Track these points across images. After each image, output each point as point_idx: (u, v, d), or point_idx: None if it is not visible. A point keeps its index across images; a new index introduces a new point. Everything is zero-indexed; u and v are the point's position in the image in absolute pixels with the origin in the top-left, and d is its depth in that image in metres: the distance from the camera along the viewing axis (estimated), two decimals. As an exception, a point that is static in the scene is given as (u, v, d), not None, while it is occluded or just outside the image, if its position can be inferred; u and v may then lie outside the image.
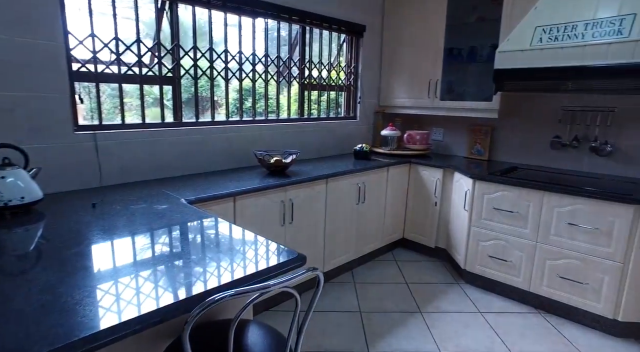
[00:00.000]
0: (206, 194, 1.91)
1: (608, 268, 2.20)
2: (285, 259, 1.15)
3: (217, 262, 1.12)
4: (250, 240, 1.31)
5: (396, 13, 3.44)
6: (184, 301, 0.91)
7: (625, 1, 2.14)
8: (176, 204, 1.73)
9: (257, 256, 1.18)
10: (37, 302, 0.87)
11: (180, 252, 1.18)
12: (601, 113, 2.73)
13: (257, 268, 1.09)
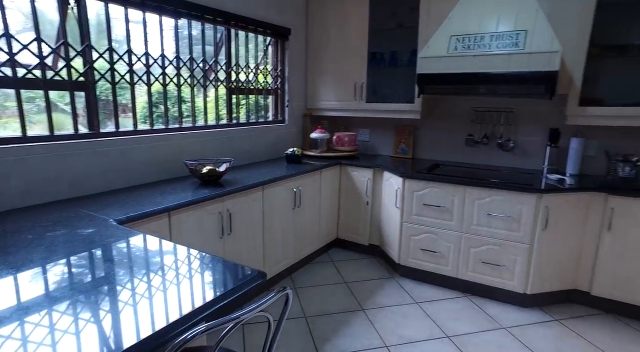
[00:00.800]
0: (138, 211, 1.73)
1: (519, 250, 2.50)
2: (247, 280, 1.09)
3: (176, 292, 1.02)
4: (204, 261, 1.22)
5: (319, 17, 3.49)
6: (145, 340, 0.81)
7: (519, 18, 2.45)
8: (104, 226, 1.55)
9: (216, 279, 1.11)
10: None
11: (129, 283, 1.05)
12: (504, 113, 3.09)
13: (216, 293, 1.02)
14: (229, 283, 1.07)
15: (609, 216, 2.39)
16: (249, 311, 0.84)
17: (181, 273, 1.13)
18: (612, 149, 2.76)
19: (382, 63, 3.44)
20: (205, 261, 1.22)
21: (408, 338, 2.24)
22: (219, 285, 1.06)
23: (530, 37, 2.37)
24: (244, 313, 0.83)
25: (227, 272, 1.15)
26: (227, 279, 1.10)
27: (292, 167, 2.93)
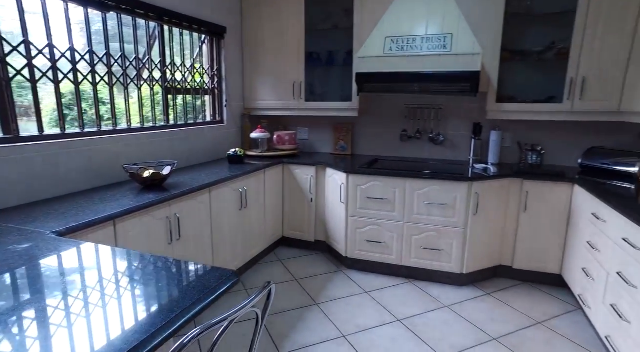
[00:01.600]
0: (79, 221, 1.58)
1: (455, 234, 2.74)
2: (225, 281, 1.07)
3: (156, 300, 0.96)
4: (175, 265, 1.17)
5: (254, 16, 3.46)
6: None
7: (445, 23, 2.69)
8: (42, 239, 1.39)
9: (190, 282, 1.06)
10: None
11: (101, 292, 0.97)
12: (433, 110, 3.35)
13: (200, 295, 0.98)
14: (209, 284, 1.04)
15: (525, 199, 2.73)
16: (241, 308, 0.83)
17: (152, 279, 1.07)
18: (523, 140, 3.15)
19: (319, 63, 3.51)
20: (176, 265, 1.16)
21: (363, 326, 2.34)
22: (198, 287, 1.03)
23: (455, 40, 2.61)
24: (237, 311, 0.82)
25: (200, 274, 1.11)
26: (205, 281, 1.06)
27: (236, 168, 2.87)
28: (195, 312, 0.92)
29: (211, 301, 0.99)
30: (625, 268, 1.81)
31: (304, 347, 2.14)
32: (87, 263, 1.19)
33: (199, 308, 0.93)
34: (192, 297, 0.96)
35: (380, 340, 2.21)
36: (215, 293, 1.00)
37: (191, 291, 1.00)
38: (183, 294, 0.99)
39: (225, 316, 0.81)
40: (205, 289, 1.02)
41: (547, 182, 2.66)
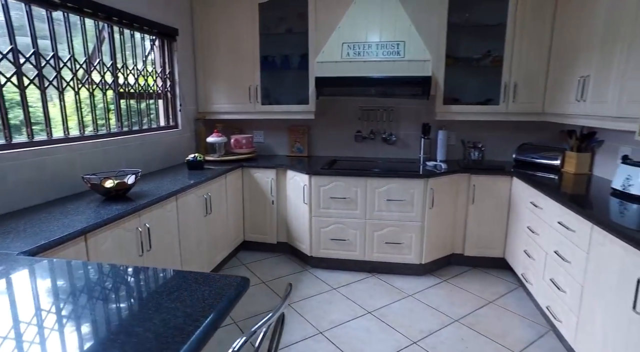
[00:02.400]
0: (50, 238, 1.47)
1: (413, 228, 2.95)
2: (240, 289, 1.09)
3: (182, 315, 0.96)
4: (184, 276, 1.16)
5: (206, 19, 3.39)
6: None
7: (397, 30, 2.88)
8: (12, 260, 1.29)
9: (206, 294, 1.07)
10: None
11: (124, 312, 0.94)
12: (385, 112, 3.55)
13: (216, 305, 1.00)
14: (223, 291, 1.06)
15: (472, 192, 3.02)
16: (276, 312, 0.88)
17: (171, 289, 1.06)
18: (466, 138, 3.46)
19: (274, 66, 3.54)
20: (191, 275, 1.16)
21: (337, 321, 2.44)
22: (216, 295, 1.04)
23: (407, 47, 2.81)
24: (272, 315, 0.87)
25: (212, 283, 1.12)
26: (220, 289, 1.08)
27: (197, 174, 2.81)
28: (216, 319, 0.94)
29: (229, 306, 1.01)
30: (561, 247, 2.10)
31: (285, 347, 2.18)
32: (97, 281, 1.13)
33: (219, 315, 0.95)
34: (213, 306, 0.98)
35: (355, 332, 2.32)
36: (235, 297, 1.03)
37: (211, 298, 1.02)
38: (204, 303, 1.00)
39: (264, 321, 0.85)
40: (221, 296, 1.04)
41: (490, 176, 2.98)
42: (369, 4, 2.97)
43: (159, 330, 0.87)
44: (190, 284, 1.10)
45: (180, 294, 1.04)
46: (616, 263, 1.61)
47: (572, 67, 2.60)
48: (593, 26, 2.36)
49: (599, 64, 2.29)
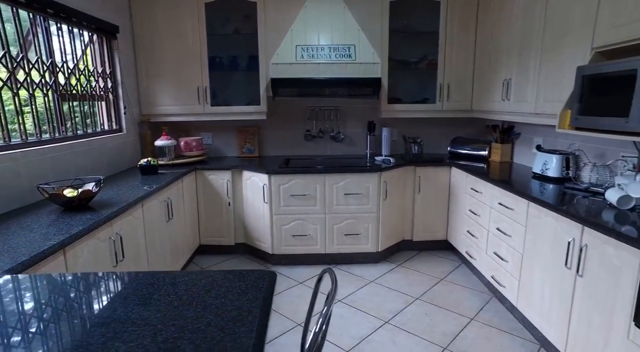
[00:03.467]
0: (31, 253, 1.36)
1: (370, 219, 3.17)
2: (271, 280, 1.16)
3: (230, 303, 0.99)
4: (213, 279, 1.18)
5: (147, 17, 3.24)
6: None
7: (347, 35, 3.07)
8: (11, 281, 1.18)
9: (243, 288, 1.12)
10: None
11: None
12: (332, 111, 3.73)
13: (260, 295, 1.06)
14: (261, 285, 1.12)
15: (418, 182, 3.34)
16: (331, 299, 0.97)
17: (208, 288, 1.08)
18: (407, 134, 3.79)
19: (223, 67, 3.51)
20: (218, 274, 1.18)
21: (311, 312, 2.54)
22: (253, 288, 1.10)
23: (358, 51, 3.01)
24: (330, 308, 0.97)
25: (244, 278, 1.17)
26: (254, 282, 1.13)
27: (152, 179, 2.70)
28: (266, 309, 1.01)
29: (270, 296, 1.08)
30: (501, 224, 2.47)
31: (267, 342, 2.23)
32: (135, 288, 1.10)
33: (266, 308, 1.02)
34: (257, 297, 1.04)
35: (331, 319, 2.45)
36: (270, 288, 1.10)
37: (251, 291, 1.07)
38: (247, 296, 1.05)
39: (327, 311, 0.94)
40: (258, 288, 1.10)
41: (433, 167, 3.32)
42: (319, 9, 3.12)
43: (219, 324, 0.91)
44: (223, 281, 1.14)
45: (219, 290, 1.08)
46: (550, 231, 1.97)
47: (497, 71, 3.02)
48: (511, 36, 2.79)
49: (518, 69, 2.72)
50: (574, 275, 1.80)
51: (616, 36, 1.85)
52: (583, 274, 1.74)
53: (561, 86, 2.24)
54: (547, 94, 2.39)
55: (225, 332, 0.88)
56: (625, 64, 1.72)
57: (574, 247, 1.79)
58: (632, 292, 1.47)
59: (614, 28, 1.86)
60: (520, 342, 2.21)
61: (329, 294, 1.05)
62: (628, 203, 1.83)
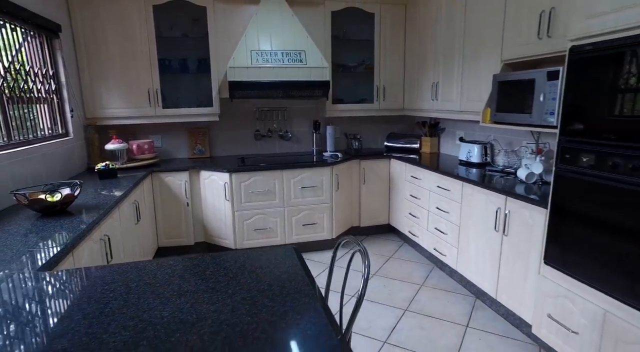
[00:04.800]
0: (48, 256, 1.41)
1: (324, 209, 3.49)
2: (298, 252, 1.40)
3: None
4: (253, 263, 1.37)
5: (90, 16, 3.13)
6: (315, 294, 1.08)
7: (297, 41, 3.34)
8: (36, 279, 1.25)
9: (280, 260, 1.34)
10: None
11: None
12: (280, 111, 3.97)
13: (298, 264, 1.30)
14: (290, 256, 1.35)
15: (363, 174, 3.75)
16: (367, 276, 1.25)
17: (252, 268, 1.28)
18: (348, 131, 4.19)
19: (174, 70, 3.53)
20: (249, 252, 1.38)
21: (285, 296, 2.78)
22: (288, 260, 1.33)
23: (308, 56, 3.30)
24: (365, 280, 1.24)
25: (272, 254, 1.39)
26: (285, 257, 1.37)
27: (113, 182, 2.68)
28: (310, 274, 1.26)
29: (305, 265, 1.32)
30: (440, 203, 2.97)
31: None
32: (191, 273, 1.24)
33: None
34: (298, 266, 1.28)
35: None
36: (302, 258, 1.34)
37: (288, 263, 1.31)
38: (288, 268, 1.28)
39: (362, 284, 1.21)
40: (291, 258, 1.34)
41: (374, 160, 3.75)
42: (269, 16, 3.34)
43: (278, 283, 1.14)
44: (257, 257, 1.35)
45: (259, 263, 1.29)
46: (481, 204, 2.48)
47: (426, 75, 3.55)
48: (436, 47, 3.33)
49: (444, 73, 3.26)
50: (501, 235, 2.32)
51: (517, 53, 2.41)
52: (508, 234, 2.26)
53: (481, 89, 2.79)
54: (470, 95, 2.93)
55: (287, 288, 1.12)
56: (527, 74, 2.27)
57: (500, 214, 2.30)
58: (541, 240, 2.00)
59: (516, 46, 2.42)
60: (462, 298, 2.72)
61: (350, 262, 1.31)
62: (533, 178, 2.41)
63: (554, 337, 1.97)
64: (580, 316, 1.80)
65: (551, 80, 2.08)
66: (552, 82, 2.08)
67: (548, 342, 2.02)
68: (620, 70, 1.55)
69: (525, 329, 2.27)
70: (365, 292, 1.18)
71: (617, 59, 1.56)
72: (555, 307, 1.94)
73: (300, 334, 0.90)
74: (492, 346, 2.21)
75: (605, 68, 1.61)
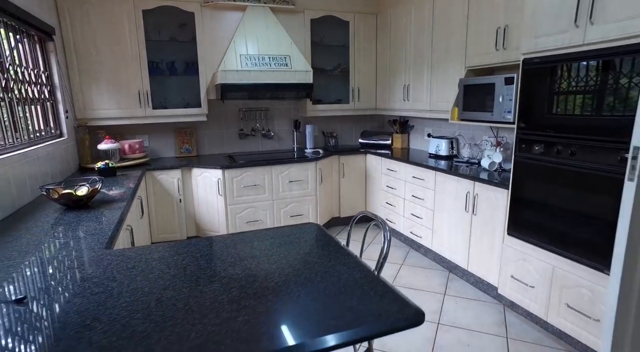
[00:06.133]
0: (107, 235, 1.61)
1: (310, 201, 3.79)
2: (320, 227, 1.70)
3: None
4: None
5: (80, 20, 3.21)
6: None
7: (283, 46, 3.61)
8: (113, 254, 1.46)
9: (306, 232, 1.63)
10: (322, 293, 1.09)
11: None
12: (262, 111, 4.22)
13: (327, 235, 1.60)
14: (313, 229, 1.65)
15: (342, 168, 4.10)
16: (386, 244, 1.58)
17: (293, 240, 1.56)
18: (325, 129, 4.52)
19: (164, 72, 3.67)
20: (276, 229, 1.65)
21: (282, 279, 3.06)
22: (313, 231, 1.63)
23: (293, 60, 3.58)
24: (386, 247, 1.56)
25: (299, 230, 1.68)
26: (309, 230, 1.66)
27: (113, 180, 2.82)
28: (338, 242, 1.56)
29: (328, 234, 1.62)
30: (416, 192, 3.38)
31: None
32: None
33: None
34: (329, 237, 1.58)
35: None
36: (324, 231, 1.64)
37: (318, 235, 1.60)
38: (324, 242, 1.58)
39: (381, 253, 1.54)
40: (320, 231, 1.63)
41: (352, 156, 4.11)
42: (256, 23, 3.58)
43: (314, 252, 1.44)
44: (287, 232, 1.64)
45: (292, 238, 1.58)
46: (452, 190, 2.91)
47: (398, 78, 3.95)
48: (407, 54, 3.74)
49: (414, 77, 3.68)
50: (470, 215, 2.75)
51: (479, 61, 2.86)
52: (476, 213, 2.69)
53: (448, 91, 3.23)
54: (439, 96, 3.37)
55: (323, 258, 1.42)
56: (488, 79, 2.72)
57: (470, 197, 2.73)
58: (504, 215, 2.44)
59: (477, 55, 2.87)
60: (438, 272, 3.14)
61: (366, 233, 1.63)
62: (494, 166, 2.86)
63: (515, 293, 2.42)
64: (535, 273, 2.25)
65: (508, 85, 2.53)
66: (508, 86, 2.53)
67: (511, 298, 2.47)
68: (556, 79, 2.00)
69: (492, 292, 2.72)
70: (388, 251, 1.50)
71: (554, 70, 2.01)
72: (516, 269, 2.39)
73: (348, 273, 1.22)
74: (466, 307, 2.63)
75: (547, 77, 2.06)
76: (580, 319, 2.03)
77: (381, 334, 0.97)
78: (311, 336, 0.91)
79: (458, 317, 2.52)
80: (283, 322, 0.97)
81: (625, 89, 1.73)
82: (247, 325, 0.95)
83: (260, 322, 0.96)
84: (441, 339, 2.31)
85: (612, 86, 1.78)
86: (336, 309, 1.03)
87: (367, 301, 1.08)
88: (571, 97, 1.97)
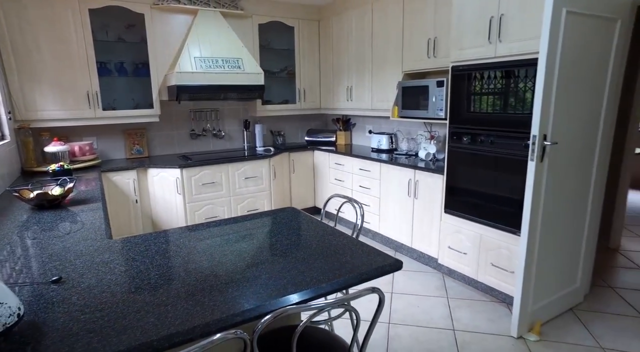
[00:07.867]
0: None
1: (264, 196, 4.01)
2: (296, 210, 1.97)
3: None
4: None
5: (16, 18, 3.08)
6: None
7: (234, 49, 3.78)
8: (123, 242, 1.59)
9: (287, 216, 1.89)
10: (323, 253, 1.37)
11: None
12: (213, 112, 4.33)
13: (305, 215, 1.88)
14: (294, 212, 1.92)
15: (292, 165, 4.37)
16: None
17: (286, 221, 1.80)
18: (273, 128, 4.75)
19: (112, 73, 3.61)
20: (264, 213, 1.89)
21: (247, 269, 3.25)
22: (295, 214, 1.89)
23: (245, 63, 3.77)
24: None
25: (281, 212, 1.93)
26: (293, 213, 1.92)
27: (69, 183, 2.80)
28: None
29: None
30: (363, 182, 3.77)
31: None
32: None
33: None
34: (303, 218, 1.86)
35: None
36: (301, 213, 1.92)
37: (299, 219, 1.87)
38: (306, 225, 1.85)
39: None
40: (299, 213, 1.90)
41: (301, 152, 4.40)
42: (207, 27, 3.70)
43: (312, 233, 1.71)
44: (267, 217, 1.88)
45: (278, 219, 1.83)
46: (396, 178, 3.34)
47: (341, 80, 4.33)
48: (349, 59, 4.13)
49: (357, 79, 4.08)
50: (412, 199, 3.20)
51: (413, 66, 3.33)
52: (418, 197, 3.15)
53: (388, 92, 3.67)
54: (379, 97, 3.80)
55: (311, 231, 1.70)
56: (423, 82, 3.19)
57: (411, 183, 3.18)
58: (441, 196, 2.91)
59: (412, 61, 3.34)
60: (386, 252, 3.56)
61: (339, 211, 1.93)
62: (430, 156, 3.35)
63: (452, 261, 2.90)
64: (467, 241, 2.75)
65: (439, 87, 3.01)
66: (440, 88, 3.01)
67: (449, 266, 2.95)
68: (476, 83, 2.50)
69: (433, 263, 3.20)
70: (363, 221, 1.82)
71: (470, 76, 2.51)
72: (452, 240, 2.87)
73: (337, 240, 1.52)
74: (413, 278, 3.07)
75: (467, 81, 2.55)
76: (501, 274, 2.55)
77: (375, 276, 1.29)
78: (326, 280, 1.20)
79: (407, 286, 2.95)
80: (301, 276, 1.24)
81: (523, 92, 2.25)
82: (276, 278, 1.21)
83: (283, 276, 1.22)
84: (395, 303, 2.71)
85: (513, 89, 2.30)
86: (337, 263, 1.32)
87: (357, 257, 1.38)
88: (490, 97, 2.47)
